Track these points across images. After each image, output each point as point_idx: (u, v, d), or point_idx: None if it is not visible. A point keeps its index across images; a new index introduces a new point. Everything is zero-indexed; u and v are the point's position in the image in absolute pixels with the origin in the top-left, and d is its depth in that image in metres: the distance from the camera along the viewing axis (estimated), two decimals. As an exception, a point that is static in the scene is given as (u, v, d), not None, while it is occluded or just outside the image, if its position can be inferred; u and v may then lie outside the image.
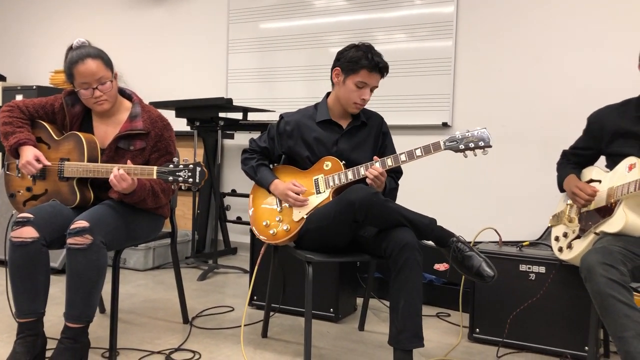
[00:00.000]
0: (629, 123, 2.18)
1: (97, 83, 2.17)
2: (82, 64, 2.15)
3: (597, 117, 2.32)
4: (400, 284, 2.06)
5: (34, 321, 2.05)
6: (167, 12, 5.02)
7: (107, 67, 2.21)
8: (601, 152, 2.32)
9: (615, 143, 2.22)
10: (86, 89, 2.18)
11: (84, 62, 2.15)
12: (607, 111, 2.29)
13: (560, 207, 2.41)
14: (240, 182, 4.61)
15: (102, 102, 2.21)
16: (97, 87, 2.18)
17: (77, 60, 2.16)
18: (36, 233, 2.02)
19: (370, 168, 2.22)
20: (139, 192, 2.16)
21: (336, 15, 4.20)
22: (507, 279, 2.48)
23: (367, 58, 2.29)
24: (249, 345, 2.48)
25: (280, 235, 2.30)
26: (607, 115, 2.27)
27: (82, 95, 2.20)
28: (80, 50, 2.18)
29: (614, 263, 1.85)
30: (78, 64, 2.15)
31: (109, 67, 2.22)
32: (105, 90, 2.20)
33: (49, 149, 2.28)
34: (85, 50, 2.18)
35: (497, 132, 3.62)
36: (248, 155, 2.50)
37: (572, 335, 2.37)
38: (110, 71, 2.22)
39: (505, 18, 3.68)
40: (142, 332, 2.61)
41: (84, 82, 2.17)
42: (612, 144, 2.23)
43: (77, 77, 2.17)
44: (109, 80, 2.21)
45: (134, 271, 3.86)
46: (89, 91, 2.18)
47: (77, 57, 2.16)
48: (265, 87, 4.52)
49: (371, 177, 2.21)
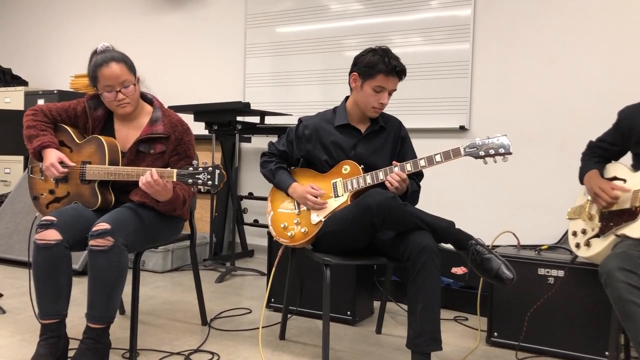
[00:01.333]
0: None
1: (120, 86, 2.21)
2: (106, 67, 2.19)
3: (627, 114, 2.24)
4: (418, 287, 2.06)
5: (57, 322, 2.08)
6: (184, 17, 5.07)
7: (131, 71, 2.25)
8: (628, 149, 2.25)
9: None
10: (109, 91, 2.22)
11: (109, 66, 2.19)
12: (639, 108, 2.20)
13: (579, 200, 2.35)
14: (257, 185, 4.64)
15: (125, 105, 2.25)
16: (120, 90, 2.21)
17: (102, 64, 2.20)
18: (59, 235, 2.05)
19: (389, 176, 2.22)
20: (174, 202, 2.22)
21: (352, 19, 4.21)
22: (525, 283, 2.47)
23: (384, 62, 2.28)
24: (267, 347, 2.50)
25: (298, 238, 2.31)
26: (638, 113, 2.19)
27: (105, 98, 2.24)
28: (104, 54, 2.22)
29: (634, 269, 1.83)
30: (102, 67, 2.19)
31: (132, 71, 2.26)
32: (128, 93, 2.23)
33: (71, 152, 2.31)
34: (110, 54, 2.22)
35: (515, 135, 3.60)
36: (267, 159, 2.52)
37: (592, 340, 2.35)
38: (134, 75, 2.26)
39: (522, 20, 3.67)
40: (162, 333, 2.64)
41: (107, 85, 2.21)
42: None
43: (101, 80, 2.21)
44: (132, 83, 2.24)
45: (153, 273, 3.90)
46: (112, 94, 2.22)
47: (101, 61, 2.20)
48: (282, 91, 4.54)
49: (393, 186, 2.20)
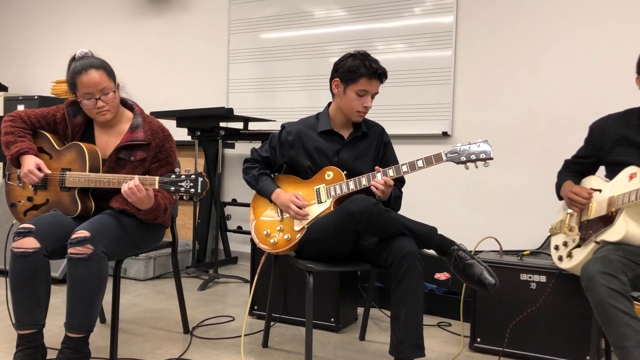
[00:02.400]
0: (630, 132, 2.19)
1: (100, 93, 2.18)
2: (85, 75, 2.15)
3: (599, 125, 2.32)
4: (401, 293, 2.06)
5: (34, 333, 2.04)
6: (168, 23, 5.04)
7: (110, 77, 2.22)
8: (601, 160, 2.31)
9: (615, 151, 2.22)
10: (89, 99, 2.18)
11: (87, 73, 2.15)
12: (610, 119, 2.29)
13: (560, 216, 2.42)
14: (240, 192, 4.61)
15: (105, 112, 2.22)
16: (100, 98, 2.18)
17: (81, 71, 2.16)
18: (38, 243, 2.02)
19: (374, 180, 2.22)
20: (155, 210, 2.19)
21: (336, 26, 4.22)
22: (508, 289, 2.48)
23: (365, 66, 2.30)
24: (250, 355, 2.48)
25: (281, 245, 2.30)
26: (609, 124, 2.27)
27: (84, 105, 2.21)
28: (83, 61, 2.19)
29: (614, 272, 1.85)
30: (81, 74, 2.16)
31: (112, 77, 2.23)
32: (108, 100, 2.20)
33: (50, 159, 2.28)
34: (89, 61, 2.19)
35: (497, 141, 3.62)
36: (250, 165, 2.50)
37: (573, 345, 2.37)
38: (113, 82, 2.23)
39: (504, 27, 3.70)
40: (143, 342, 2.60)
41: (86, 93, 2.17)
42: (612, 152, 2.23)
43: (80, 88, 2.18)
44: (112, 90, 2.22)
45: (135, 281, 3.85)
46: (92, 101, 2.19)
47: (80, 68, 2.17)
48: (265, 97, 4.53)
49: (379, 190, 2.21)
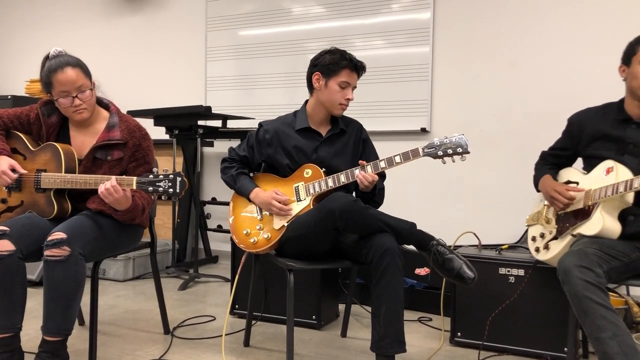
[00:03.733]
0: (608, 126, 2.20)
1: (76, 92, 2.15)
2: (61, 73, 2.12)
3: (577, 119, 2.33)
4: (381, 289, 2.06)
5: (11, 337, 2.01)
6: (144, 21, 4.99)
7: (87, 75, 2.19)
8: (579, 153, 2.34)
9: (593, 145, 2.24)
10: (65, 97, 2.15)
11: (64, 71, 2.12)
12: (588, 113, 2.31)
13: (537, 207, 2.44)
14: (220, 191, 4.59)
15: (82, 110, 2.19)
16: (77, 96, 2.15)
17: (57, 69, 2.12)
18: (12, 246, 1.98)
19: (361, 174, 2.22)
20: (133, 211, 2.17)
21: (314, 23, 4.22)
22: (487, 282, 2.50)
23: (346, 59, 2.35)
24: (231, 355, 2.47)
25: (261, 244, 2.29)
26: (587, 117, 2.29)
27: (61, 104, 2.17)
28: (58, 59, 2.15)
29: (590, 265, 1.88)
30: (57, 72, 2.12)
31: (88, 75, 2.20)
32: (85, 98, 2.17)
33: (24, 160, 2.24)
34: (64, 59, 2.16)
35: (475, 137, 3.67)
36: (227, 164, 2.49)
37: (551, 337, 2.40)
38: (89, 80, 2.20)
39: (481, 24, 3.73)
40: (123, 343, 2.58)
41: (63, 91, 2.14)
42: (590, 146, 2.25)
43: (56, 86, 2.14)
44: (89, 88, 2.19)
45: (114, 282, 3.81)
46: (69, 100, 2.15)
47: (56, 66, 2.13)
48: (244, 95, 4.51)
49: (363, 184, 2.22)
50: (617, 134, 2.17)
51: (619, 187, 1.99)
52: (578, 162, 2.38)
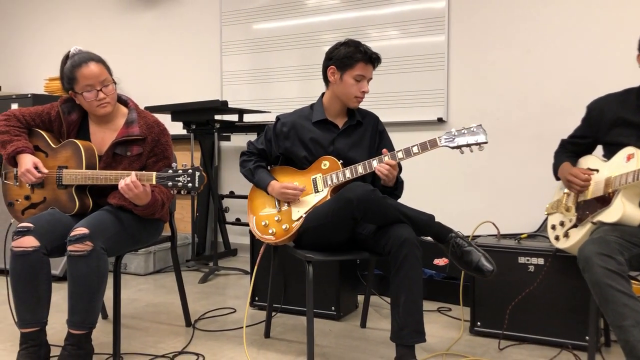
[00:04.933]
0: (629, 112, 2.17)
1: (100, 85, 2.19)
2: (86, 67, 2.17)
3: (597, 105, 2.30)
4: (400, 280, 2.07)
5: (37, 331, 2.05)
6: (158, 16, 5.01)
7: (108, 71, 2.24)
8: (599, 140, 2.30)
9: (613, 132, 2.21)
10: (90, 91, 2.18)
11: (88, 65, 2.17)
12: (608, 99, 2.27)
13: (557, 195, 2.42)
14: (238, 184, 4.61)
15: (105, 104, 2.22)
16: (101, 90, 2.19)
17: (81, 63, 2.17)
18: (37, 242, 2.02)
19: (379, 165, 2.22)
20: (152, 206, 2.19)
21: (328, 14, 4.21)
22: (506, 272, 2.49)
23: (361, 51, 2.33)
24: (252, 346, 2.50)
25: (280, 235, 2.31)
26: (607, 104, 2.26)
27: (85, 98, 2.20)
28: (81, 55, 2.21)
29: (611, 253, 1.86)
30: (82, 66, 2.17)
31: (109, 71, 2.25)
32: (108, 92, 2.21)
33: (46, 157, 2.28)
34: (88, 55, 2.21)
35: (492, 126, 3.63)
36: (246, 158, 2.51)
37: (572, 326, 2.39)
38: (111, 75, 2.25)
39: (497, 11, 3.69)
40: (145, 336, 2.62)
41: (88, 85, 2.18)
42: (610, 133, 2.22)
43: (81, 80, 2.17)
44: (112, 82, 2.23)
45: (135, 276, 3.87)
46: (93, 93, 2.19)
47: (80, 61, 2.18)
48: (260, 88, 4.52)
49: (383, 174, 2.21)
50: (638, 120, 2.14)
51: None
52: (598, 150, 2.35)
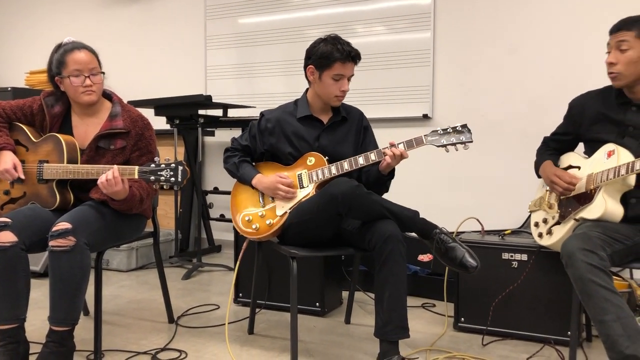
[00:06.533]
0: (609, 109, 2.19)
1: (89, 72, 2.20)
2: (77, 52, 2.20)
3: (578, 102, 2.32)
4: (384, 276, 2.07)
5: (15, 327, 2.02)
6: (143, 10, 4.96)
7: (99, 62, 2.27)
8: (580, 137, 2.33)
9: (594, 128, 2.23)
10: (77, 76, 2.19)
11: (80, 51, 2.21)
12: (589, 96, 2.30)
13: (539, 193, 2.44)
14: (222, 180, 4.58)
15: (91, 92, 2.22)
16: (89, 76, 2.20)
17: (73, 49, 2.21)
18: (15, 237, 1.99)
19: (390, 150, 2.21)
20: (130, 201, 2.17)
21: (315, 9, 4.19)
22: (490, 268, 2.51)
23: (338, 50, 2.29)
24: (236, 343, 2.48)
25: (263, 230, 2.30)
26: (588, 100, 2.28)
27: (72, 82, 2.19)
28: (75, 43, 2.25)
29: (593, 248, 1.88)
30: (73, 51, 2.20)
31: (99, 63, 2.28)
32: (96, 81, 2.23)
33: (27, 151, 2.24)
34: (80, 43, 2.26)
35: (477, 123, 3.64)
36: (230, 154, 2.49)
37: (554, 321, 2.41)
38: (100, 67, 2.27)
39: (482, 8, 3.70)
40: (127, 333, 2.59)
41: (76, 69, 2.19)
42: (591, 129, 2.24)
43: (70, 64, 2.18)
44: (100, 73, 2.24)
45: (118, 272, 3.83)
46: (80, 79, 2.19)
47: (72, 47, 2.22)
48: (245, 83, 4.49)
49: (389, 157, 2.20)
50: (618, 116, 2.17)
51: (621, 170, 1.98)
52: (579, 147, 2.37)
